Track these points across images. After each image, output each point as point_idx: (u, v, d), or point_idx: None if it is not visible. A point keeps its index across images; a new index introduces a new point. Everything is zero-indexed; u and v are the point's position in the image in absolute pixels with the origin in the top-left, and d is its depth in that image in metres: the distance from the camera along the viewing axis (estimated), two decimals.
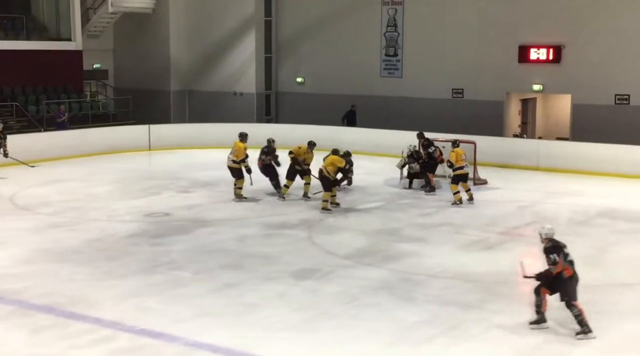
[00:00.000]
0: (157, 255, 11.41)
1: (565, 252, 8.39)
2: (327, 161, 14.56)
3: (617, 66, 20.32)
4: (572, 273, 8.37)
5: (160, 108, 27.06)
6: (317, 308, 9.16)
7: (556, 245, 8.44)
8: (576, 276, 8.40)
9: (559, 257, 8.29)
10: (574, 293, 8.34)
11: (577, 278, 8.41)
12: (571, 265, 8.40)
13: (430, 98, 22.98)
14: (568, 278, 8.35)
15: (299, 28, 26.01)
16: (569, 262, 8.38)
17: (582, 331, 8.23)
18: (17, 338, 8.24)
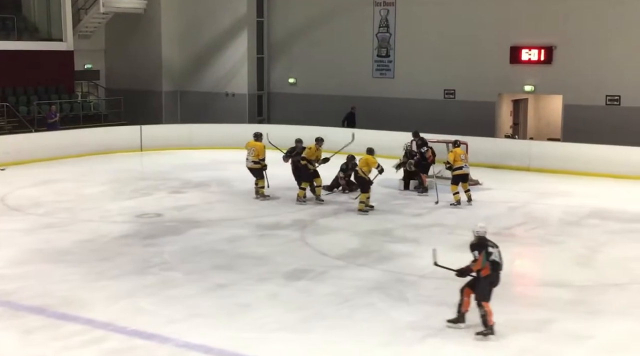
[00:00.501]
0: (149, 255, 11.39)
1: (489, 251, 8.32)
2: (361, 161, 14.45)
3: (608, 67, 20.41)
4: (489, 274, 8.31)
5: (152, 109, 27.01)
6: (310, 308, 9.17)
7: (480, 242, 8.42)
8: (493, 278, 8.32)
9: (479, 254, 8.31)
10: (487, 295, 8.31)
11: (493, 280, 8.34)
12: (493, 267, 8.31)
13: (422, 99, 23.02)
14: (483, 278, 8.33)
15: (291, 29, 26.01)
16: (492, 262, 8.30)
17: (482, 333, 8.22)
18: (9, 339, 8.21)
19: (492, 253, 8.34)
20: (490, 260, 8.32)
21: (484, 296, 8.31)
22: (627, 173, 17.78)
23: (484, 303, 8.28)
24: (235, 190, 16.62)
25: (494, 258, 8.34)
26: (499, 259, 8.38)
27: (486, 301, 8.30)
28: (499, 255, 8.40)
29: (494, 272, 8.34)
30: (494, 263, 8.32)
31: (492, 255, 8.34)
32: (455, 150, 15.08)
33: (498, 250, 8.43)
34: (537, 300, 9.68)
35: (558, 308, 9.20)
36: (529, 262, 12.03)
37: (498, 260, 8.37)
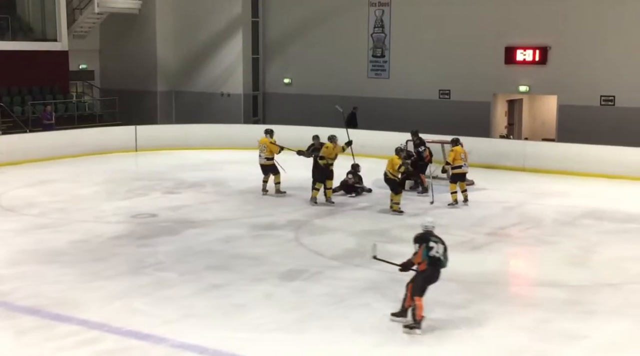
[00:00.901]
0: (144, 256, 11.36)
1: (430, 245, 8.38)
2: (388, 164, 14.33)
3: (603, 67, 20.46)
4: (425, 269, 8.39)
5: (146, 109, 26.97)
6: (305, 308, 9.16)
7: (423, 236, 8.50)
8: (429, 273, 8.39)
9: (420, 248, 8.43)
10: (419, 289, 8.39)
11: (429, 275, 8.41)
12: (431, 262, 8.37)
13: (417, 99, 23.04)
14: (419, 273, 8.44)
15: (287, 29, 26.01)
16: (430, 257, 8.36)
17: (409, 325, 8.35)
18: (2, 340, 8.17)
19: (432, 248, 8.41)
20: (429, 255, 8.38)
21: (416, 291, 8.40)
22: (621, 173, 17.82)
23: (415, 297, 8.36)
24: (231, 191, 16.61)
25: (433, 254, 8.39)
26: (440, 255, 8.44)
27: (417, 295, 8.37)
28: (443, 251, 8.46)
29: (430, 267, 8.41)
30: (433, 258, 8.39)
31: (433, 250, 8.40)
32: (456, 149, 14.99)
33: (443, 247, 8.49)
34: (532, 300, 9.69)
35: (553, 308, 9.21)
36: (524, 262, 12.04)
37: (439, 256, 8.43)
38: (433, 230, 8.63)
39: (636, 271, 10.82)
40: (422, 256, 8.39)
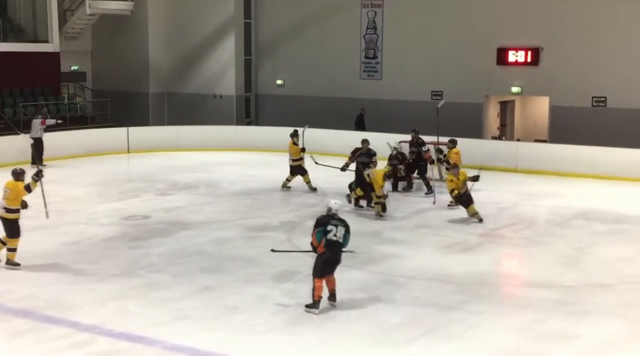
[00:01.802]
0: (136, 258, 11.33)
1: (327, 229, 8.81)
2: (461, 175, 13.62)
3: (594, 68, 20.53)
4: (323, 252, 8.84)
5: (139, 111, 26.90)
6: (298, 310, 9.14)
7: (323, 220, 8.89)
8: (328, 256, 8.83)
9: (315, 230, 8.88)
10: (318, 271, 8.87)
11: (328, 258, 8.85)
12: (328, 245, 8.81)
13: (410, 101, 23.05)
14: (318, 255, 8.90)
15: (279, 30, 26.00)
16: (327, 240, 8.80)
17: (308, 306, 8.90)
18: None
19: (330, 231, 8.82)
20: (327, 238, 8.82)
21: (315, 272, 8.88)
22: (613, 174, 17.87)
23: (315, 278, 8.85)
24: (223, 192, 16.58)
25: (331, 237, 8.82)
26: (339, 238, 8.87)
27: (316, 277, 8.86)
28: (344, 233, 8.92)
29: (328, 250, 8.85)
30: (330, 241, 8.83)
31: (331, 233, 8.82)
32: (458, 150, 15.23)
33: (344, 229, 8.93)
34: (525, 301, 9.70)
35: (546, 309, 9.23)
36: (518, 263, 12.06)
37: (336, 239, 8.85)
38: (337, 213, 9.03)
39: (628, 271, 10.86)
40: (317, 239, 8.87)
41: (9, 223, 10.67)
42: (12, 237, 10.69)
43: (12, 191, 10.67)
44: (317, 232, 8.87)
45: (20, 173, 10.89)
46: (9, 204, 10.65)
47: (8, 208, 10.65)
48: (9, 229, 10.68)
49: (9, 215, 10.66)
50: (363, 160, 14.85)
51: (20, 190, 10.70)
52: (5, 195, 10.72)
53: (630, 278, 10.55)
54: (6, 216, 10.66)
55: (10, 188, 10.71)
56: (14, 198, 10.64)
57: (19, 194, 10.68)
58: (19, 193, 10.68)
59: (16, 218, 10.69)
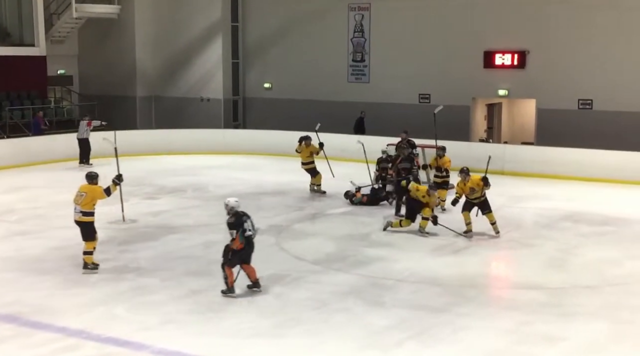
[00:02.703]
0: (124, 262, 11.29)
1: (244, 227, 9.37)
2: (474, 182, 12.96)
3: (581, 71, 20.65)
4: (242, 248, 9.45)
5: (126, 114, 26.81)
6: (286, 314, 9.14)
7: (237, 221, 9.31)
8: (245, 251, 9.47)
9: (237, 233, 9.36)
10: (229, 261, 9.52)
11: (244, 253, 9.49)
12: (248, 241, 9.43)
13: (398, 103, 23.10)
14: (236, 251, 9.47)
15: (266, 33, 25.99)
16: (246, 237, 9.40)
17: (224, 291, 9.56)
18: None
19: (246, 230, 9.40)
20: (245, 236, 9.40)
21: (227, 261, 9.51)
22: (599, 176, 17.98)
23: (226, 266, 9.49)
24: (211, 196, 16.54)
25: (248, 234, 9.43)
26: (253, 232, 9.49)
27: (229, 266, 9.52)
28: (252, 224, 9.50)
29: (246, 246, 9.48)
30: (248, 238, 9.44)
31: (247, 231, 9.41)
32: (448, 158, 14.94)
33: (250, 221, 9.51)
34: (512, 303, 9.74)
35: (533, 311, 9.27)
36: (505, 265, 12.10)
37: (251, 233, 9.47)
38: (237, 208, 9.53)
39: (614, 273, 10.92)
40: (240, 240, 9.41)
41: (85, 226, 10.79)
42: (88, 239, 10.82)
43: (87, 195, 10.78)
44: (239, 234, 9.36)
45: (94, 177, 11.05)
46: (84, 208, 10.71)
47: (84, 211, 10.74)
48: (85, 232, 10.80)
49: (85, 219, 10.77)
50: (404, 166, 14.55)
51: (97, 194, 10.86)
52: (80, 199, 10.78)
53: (615, 279, 10.61)
54: (82, 219, 10.77)
55: (85, 191, 10.83)
56: (90, 201, 10.78)
57: (95, 197, 10.83)
58: (96, 196, 10.84)
59: (91, 221, 10.83)
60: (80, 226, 10.82)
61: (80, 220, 10.78)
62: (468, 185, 12.87)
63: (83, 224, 10.78)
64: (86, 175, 11.14)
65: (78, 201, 10.78)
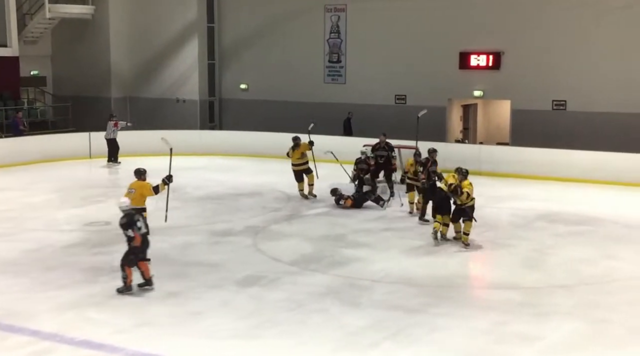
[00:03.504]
0: (98, 264, 11.16)
1: (139, 226, 9.52)
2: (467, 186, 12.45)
3: (555, 72, 20.82)
4: (140, 244, 9.57)
5: (101, 116, 26.40)
6: (263, 315, 9.10)
7: (131, 220, 9.43)
8: (141, 247, 9.57)
9: (134, 232, 9.49)
10: (128, 261, 9.62)
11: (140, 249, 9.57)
12: (144, 237, 9.60)
13: (374, 104, 23.14)
14: (133, 248, 9.58)
15: (242, 34, 25.91)
16: (142, 234, 9.58)
17: (120, 289, 9.64)
18: None
19: (141, 227, 9.56)
20: (141, 233, 9.55)
21: (131, 262, 9.63)
22: (573, 176, 18.13)
23: (127, 266, 9.61)
24: (188, 197, 16.44)
25: (143, 232, 9.60)
26: (145, 228, 9.67)
27: (129, 266, 9.63)
28: (144, 222, 9.70)
29: (143, 242, 9.61)
30: (144, 235, 9.62)
31: (142, 228, 9.57)
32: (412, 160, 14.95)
33: (143, 220, 9.69)
34: (488, 303, 9.77)
35: (509, 310, 9.31)
36: (481, 265, 12.14)
37: (146, 231, 9.67)
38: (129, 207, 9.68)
39: (588, 272, 11.02)
40: (139, 237, 9.56)
41: None
42: None
43: (137, 191, 11.07)
44: (136, 231, 9.50)
45: (143, 173, 11.42)
46: (134, 204, 10.75)
47: (135, 208, 10.70)
48: None
49: None
50: (434, 169, 14.19)
51: (146, 190, 11.18)
52: (130, 195, 10.94)
53: (590, 279, 10.70)
54: None
55: (135, 188, 11.14)
56: (139, 197, 11.03)
57: (143, 194, 11.13)
58: (144, 193, 11.15)
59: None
60: None
61: None
62: None
63: None
64: (135, 171, 11.50)
65: (128, 197, 10.82)
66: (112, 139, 20.83)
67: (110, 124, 20.88)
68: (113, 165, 20.62)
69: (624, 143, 18.56)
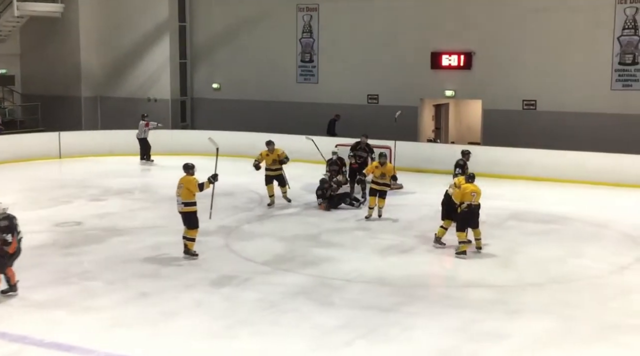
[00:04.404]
0: (68, 265, 11.05)
1: (19, 230, 9.55)
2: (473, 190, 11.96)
3: (525, 73, 21.00)
4: (15, 251, 9.51)
5: (70, 115, 26.24)
6: (236, 315, 9.07)
7: (11, 225, 9.45)
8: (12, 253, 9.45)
9: (13, 237, 9.45)
10: (5, 264, 9.47)
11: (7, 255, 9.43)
12: (19, 242, 9.54)
13: (346, 104, 23.15)
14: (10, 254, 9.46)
15: (214, 33, 25.78)
16: (19, 240, 9.55)
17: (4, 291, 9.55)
18: None
19: (20, 232, 9.60)
20: (18, 238, 9.54)
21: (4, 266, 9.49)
22: (543, 175, 18.35)
23: (7, 269, 9.51)
24: (159, 197, 16.33)
25: (21, 237, 9.59)
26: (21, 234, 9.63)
27: (9, 266, 9.52)
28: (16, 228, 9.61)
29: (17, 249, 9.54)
30: (20, 240, 9.56)
31: (20, 233, 9.60)
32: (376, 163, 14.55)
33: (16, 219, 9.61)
34: (461, 301, 9.84)
35: (481, 309, 9.39)
36: (453, 264, 12.20)
37: (22, 236, 9.61)
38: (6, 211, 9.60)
39: (558, 271, 11.15)
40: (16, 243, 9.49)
41: (188, 216, 11.38)
42: (191, 228, 11.44)
43: (184, 186, 11.32)
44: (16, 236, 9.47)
45: (190, 168, 11.58)
46: (184, 199, 11.30)
47: (185, 202, 11.32)
48: (188, 221, 11.41)
49: (187, 209, 11.36)
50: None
51: (192, 186, 11.33)
52: (179, 190, 11.37)
53: (559, 277, 10.84)
54: (184, 210, 11.37)
55: (183, 183, 11.38)
56: (187, 193, 11.29)
57: (190, 189, 11.31)
58: (191, 188, 11.32)
59: (193, 211, 11.39)
60: (182, 216, 11.39)
61: (182, 211, 11.39)
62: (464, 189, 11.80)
63: (185, 214, 11.37)
64: (183, 166, 11.67)
65: (178, 193, 11.40)
66: (143, 139, 21.18)
67: (142, 124, 21.18)
68: (146, 163, 21.01)
69: (592, 143, 18.82)
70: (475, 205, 11.77)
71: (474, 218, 11.80)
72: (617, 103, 19.93)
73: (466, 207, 11.71)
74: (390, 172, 14.18)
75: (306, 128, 22.23)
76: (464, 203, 11.75)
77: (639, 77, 19.74)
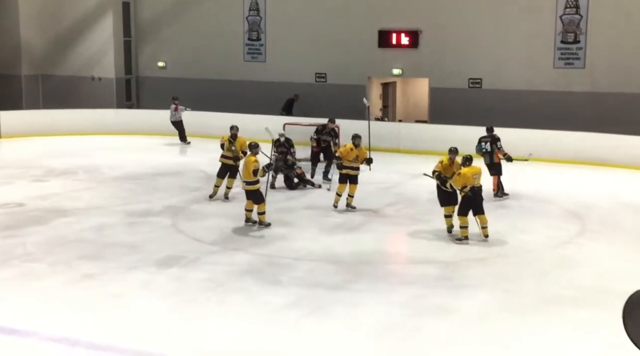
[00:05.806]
0: (10, 247, 10.81)
1: None
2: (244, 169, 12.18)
3: (471, 51, 21.24)
4: None
5: (10, 94, 25.49)
6: (183, 295, 9.02)
7: None
8: None
9: None
10: None
11: None
12: None
13: (295, 83, 23.08)
14: None
15: (160, 11, 25.33)
16: None
17: None
18: None
19: None
20: None
21: None
22: None
23: None
24: (104, 178, 16.07)
25: None
26: None
27: None
28: None
29: None
30: None
31: None
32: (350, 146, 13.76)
33: None
34: (406, 278, 9.98)
35: (426, 284, 9.53)
36: (399, 241, 12.36)
37: None
38: None
39: (502, 246, 11.37)
40: None
41: (252, 193, 11.98)
42: (258, 202, 12.02)
43: (246, 166, 11.93)
44: None
45: (254, 147, 12.10)
46: (246, 178, 11.97)
47: (247, 181, 11.95)
48: (254, 197, 12.01)
49: (250, 187, 11.95)
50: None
51: (249, 166, 11.82)
52: (242, 171, 12.30)
53: (503, 252, 11.06)
54: (247, 188, 12.00)
55: (246, 163, 12.00)
56: (247, 172, 11.87)
57: (247, 168, 11.85)
58: (248, 167, 11.83)
59: (256, 188, 11.92)
60: (247, 194, 12.01)
61: (246, 189, 12.01)
62: None
63: (249, 192, 11.97)
64: (248, 145, 12.41)
65: (242, 173, 12.20)
66: (177, 121, 20.92)
67: (172, 108, 20.93)
68: (183, 145, 20.91)
69: (533, 121, 19.19)
70: (478, 187, 11.44)
71: (478, 201, 11.40)
72: (560, 81, 20.34)
73: (469, 190, 11.34)
74: (365, 155, 13.53)
75: (255, 107, 22.15)
76: (467, 187, 11.35)
77: (580, 55, 20.16)
